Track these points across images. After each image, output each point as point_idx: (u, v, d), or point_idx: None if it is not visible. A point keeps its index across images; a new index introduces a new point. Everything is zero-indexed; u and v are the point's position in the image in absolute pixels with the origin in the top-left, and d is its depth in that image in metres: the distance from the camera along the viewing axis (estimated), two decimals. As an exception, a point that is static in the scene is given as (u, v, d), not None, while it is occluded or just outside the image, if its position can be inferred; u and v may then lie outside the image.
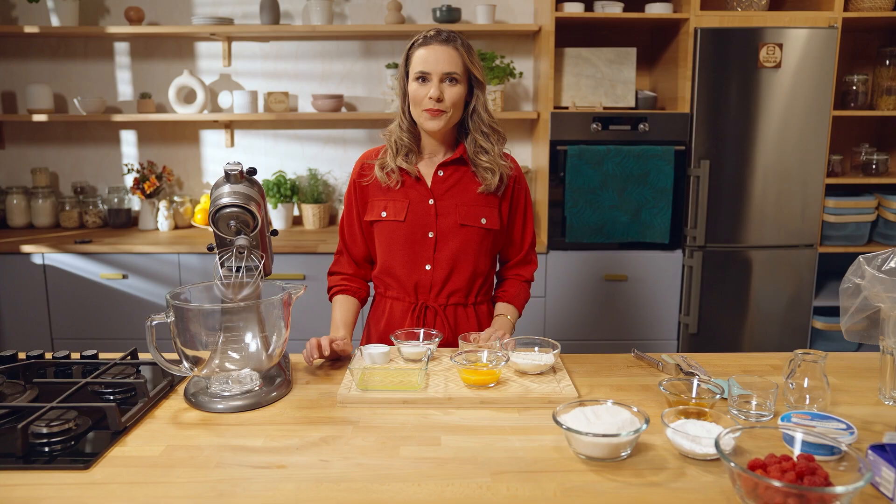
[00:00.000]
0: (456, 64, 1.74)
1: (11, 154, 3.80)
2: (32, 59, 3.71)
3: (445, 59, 1.73)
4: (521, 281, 1.99)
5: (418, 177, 1.84)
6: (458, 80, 1.75)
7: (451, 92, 1.74)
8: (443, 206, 1.83)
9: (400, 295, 1.89)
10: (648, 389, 1.51)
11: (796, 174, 3.21)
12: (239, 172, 1.49)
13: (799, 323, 3.33)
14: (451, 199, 1.84)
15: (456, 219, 1.83)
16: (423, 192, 1.84)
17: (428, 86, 1.74)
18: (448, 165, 1.85)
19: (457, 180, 1.85)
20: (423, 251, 1.84)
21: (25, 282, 3.24)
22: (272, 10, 3.47)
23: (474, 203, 1.84)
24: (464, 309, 1.89)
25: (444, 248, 1.84)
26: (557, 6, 3.20)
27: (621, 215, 3.18)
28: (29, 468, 1.15)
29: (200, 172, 3.83)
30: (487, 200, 1.85)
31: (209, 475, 1.13)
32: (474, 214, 1.83)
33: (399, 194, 1.84)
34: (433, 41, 1.75)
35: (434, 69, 1.73)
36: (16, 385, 1.46)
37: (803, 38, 3.11)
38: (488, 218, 1.85)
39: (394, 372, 1.49)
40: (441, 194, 1.84)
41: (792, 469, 0.99)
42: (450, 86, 1.74)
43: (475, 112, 1.81)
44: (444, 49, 1.74)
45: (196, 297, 1.51)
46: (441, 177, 1.85)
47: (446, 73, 1.73)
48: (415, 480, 1.11)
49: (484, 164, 1.82)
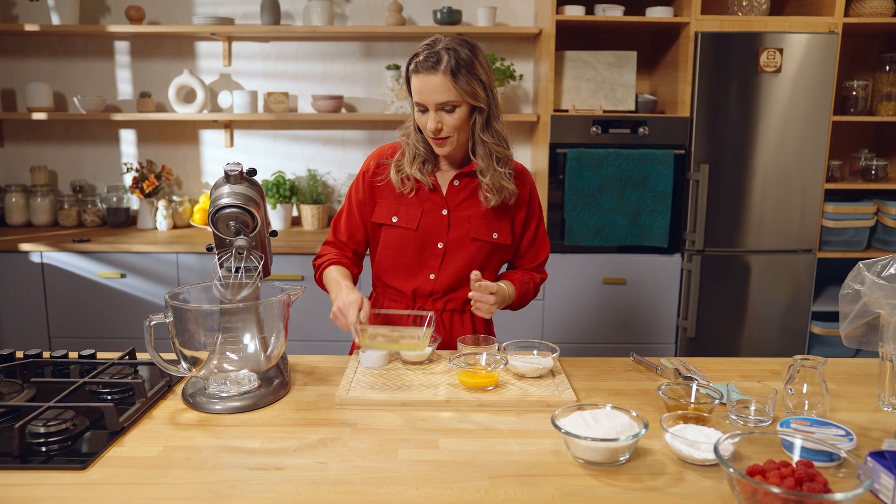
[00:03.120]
0: (447, 92, 1.64)
1: (10, 152, 3.80)
2: (32, 57, 3.71)
3: (435, 90, 1.64)
4: (528, 273, 1.92)
5: (433, 186, 1.80)
6: (456, 104, 1.66)
7: (449, 119, 1.67)
8: (456, 217, 1.80)
9: (397, 297, 1.87)
10: (647, 394, 1.51)
11: (796, 179, 3.21)
12: (239, 173, 1.48)
13: (797, 328, 3.33)
14: (465, 211, 1.80)
15: (468, 231, 1.79)
16: (438, 202, 1.80)
17: (427, 115, 1.68)
18: (464, 176, 1.80)
19: (472, 191, 1.80)
20: (430, 261, 1.81)
21: (23, 280, 3.23)
22: (273, 10, 3.47)
23: (488, 216, 1.80)
24: (460, 315, 1.87)
25: (452, 259, 1.80)
26: (558, 9, 3.20)
27: (620, 219, 3.18)
28: (26, 468, 1.15)
29: (199, 172, 3.83)
30: (501, 213, 1.81)
31: (206, 476, 1.13)
32: (487, 228, 1.80)
33: (413, 201, 1.79)
34: (422, 69, 1.65)
35: (428, 101, 1.66)
36: (13, 384, 1.46)
37: (804, 43, 3.11)
38: (500, 233, 1.81)
39: (397, 335, 1.55)
40: (455, 205, 1.80)
41: (791, 475, 0.99)
42: (448, 114, 1.67)
43: (478, 131, 1.72)
44: (433, 78, 1.64)
45: (195, 297, 1.51)
46: (457, 187, 1.80)
47: (440, 104, 1.66)
48: (412, 483, 1.11)
49: (485, 183, 1.75)
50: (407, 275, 1.83)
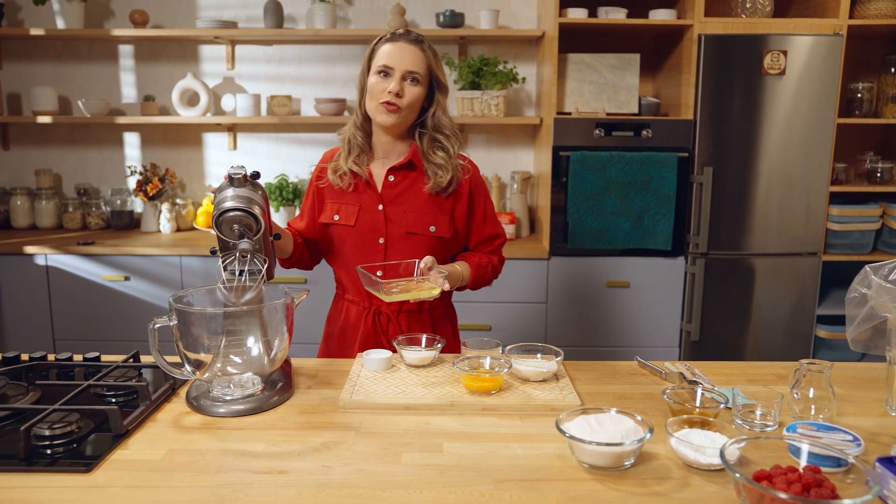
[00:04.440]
0: (420, 64, 1.75)
1: (16, 155, 3.81)
2: (38, 61, 3.72)
3: (411, 58, 1.74)
4: (486, 256, 1.94)
5: (368, 180, 1.83)
6: (420, 81, 1.75)
7: (411, 91, 1.74)
8: (392, 211, 1.82)
9: (356, 299, 1.89)
10: (652, 398, 1.50)
11: (800, 182, 3.20)
12: (242, 176, 1.49)
13: (802, 331, 3.32)
14: (401, 206, 1.82)
15: (404, 226, 1.81)
16: (373, 198, 1.83)
17: (389, 80, 1.73)
18: (399, 170, 1.83)
19: (407, 186, 1.83)
20: (374, 258, 1.82)
21: (28, 282, 3.24)
22: (276, 13, 3.48)
23: (424, 210, 1.82)
24: (418, 315, 1.88)
25: (394, 255, 1.82)
26: (561, 12, 3.20)
27: (624, 221, 3.18)
28: (31, 470, 1.15)
29: (203, 175, 3.83)
30: (438, 206, 1.83)
31: (211, 480, 1.12)
32: (423, 222, 1.81)
33: (351, 198, 1.83)
34: (401, 39, 1.76)
35: (398, 65, 1.73)
36: (18, 386, 1.46)
37: (808, 45, 3.11)
38: (438, 226, 1.82)
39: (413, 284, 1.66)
40: (390, 200, 1.83)
41: (798, 481, 0.98)
42: (411, 85, 1.74)
43: (435, 116, 1.81)
44: (411, 48, 1.75)
45: (199, 300, 1.50)
46: (391, 182, 1.83)
47: (409, 72, 1.73)
48: (417, 487, 1.10)
49: (437, 161, 1.80)
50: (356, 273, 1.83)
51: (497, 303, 3.25)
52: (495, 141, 3.78)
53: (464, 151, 1.96)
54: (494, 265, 1.95)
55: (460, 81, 3.52)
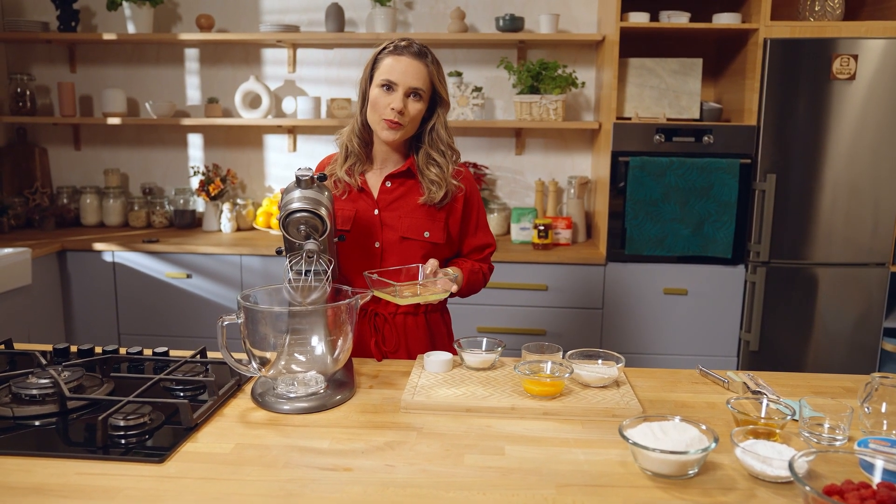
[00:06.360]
0: (424, 80, 1.74)
1: (87, 155, 3.96)
2: (109, 64, 3.86)
3: (414, 73, 1.73)
4: (478, 263, 1.95)
5: (361, 188, 1.84)
6: (423, 96, 1.75)
7: (413, 107, 1.75)
8: (387, 217, 1.84)
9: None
10: (714, 407, 1.48)
11: (868, 190, 3.10)
12: (309, 178, 1.52)
13: (867, 344, 3.21)
14: (396, 211, 1.83)
15: (399, 231, 1.83)
16: (369, 203, 1.84)
17: (392, 96, 1.73)
18: (396, 177, 1.85)
19: (402, 193, 1.84)
20: (370, 262, 1.84)
21: (96, 278, 3.36)
22: (337, 18, 3.53)
23: (419, 216, 1.83)
24: (414, 318, 1.89)
25: (390, 259, 1.83)
26: (622, 16, 3.17)
27: (683, 228, 3.13)
28: (107, 458, 1.20)
29: (263, 176, 3.92)
30: (431, 214, 1.84)
31: (278, 474, 1.15)
32: (417, 228, 1.83)
33: (346, 203, 1.85)
34: (405, 52, 1.74)
35: (401, 81, 1.72)
36: (94, 378, 1.52)
37: (880, 48, 3.01)
38: (431, 232, 1.84)
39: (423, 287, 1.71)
40: (386, 205, 1.84)
41: (872, 497, 0.96)
42: (413, 101, 1.75)
43: (434, 130, 1.82)
44: (415, 63, 1.73)
45: (262, 299, 1.54)
46: (388, 188, 1.85)
47: (412, 88, 1.73)
48: (480, 489, 1.11)
49: (431, 177, 1.81)
50: (353, 276, 1.86)
51: (552, 307, 3.23)
52: (553, 145, 3.77)
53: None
54: (485, 272, 1.98)
55: (519, 85, 3.52)
